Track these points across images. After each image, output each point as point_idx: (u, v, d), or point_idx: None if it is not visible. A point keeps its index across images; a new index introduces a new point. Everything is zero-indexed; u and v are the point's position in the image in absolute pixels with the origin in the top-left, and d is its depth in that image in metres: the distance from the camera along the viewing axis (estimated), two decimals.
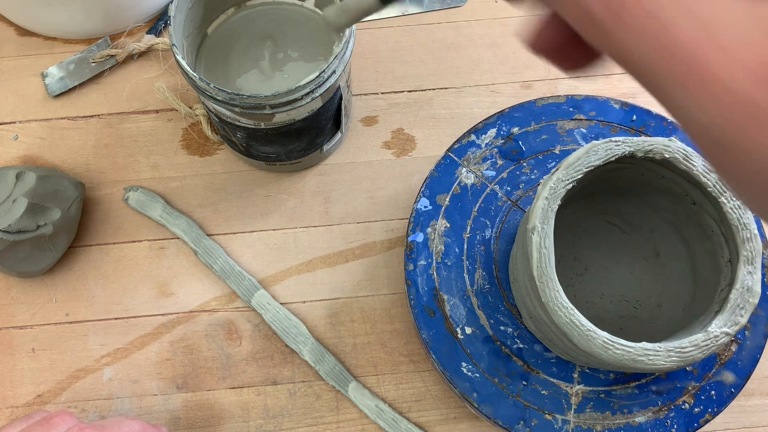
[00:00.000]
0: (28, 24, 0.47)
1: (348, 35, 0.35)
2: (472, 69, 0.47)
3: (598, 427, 0.36)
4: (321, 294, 0.43)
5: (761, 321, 0.38)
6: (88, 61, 0.47)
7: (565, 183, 0.32)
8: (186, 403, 0.41)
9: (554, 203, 0.32)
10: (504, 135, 0.41)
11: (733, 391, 0.37)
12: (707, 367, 0.37)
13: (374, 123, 0.46)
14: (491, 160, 0.40)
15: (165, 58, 0.47)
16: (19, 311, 0.43)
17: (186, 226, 0.43)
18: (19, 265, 0.40)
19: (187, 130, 0.46)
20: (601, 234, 0.40)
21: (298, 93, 0.34)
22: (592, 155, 0.33)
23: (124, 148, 0.46)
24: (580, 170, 0.33)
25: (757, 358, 0.37)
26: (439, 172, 0.40)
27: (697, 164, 0.33)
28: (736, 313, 0.31)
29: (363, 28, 0.48)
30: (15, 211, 0.39)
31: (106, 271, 0.43)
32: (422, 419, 0.41)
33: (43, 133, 0.46)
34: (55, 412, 0.33)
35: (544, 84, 0.47)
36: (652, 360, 0.30)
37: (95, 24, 0.47)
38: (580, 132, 0.42)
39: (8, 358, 0.42)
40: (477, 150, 0.41)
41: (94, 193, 0.45)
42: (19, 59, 0.48)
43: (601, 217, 0.40)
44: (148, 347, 0.42)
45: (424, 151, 0.46)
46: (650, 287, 0.39)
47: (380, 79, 0.47)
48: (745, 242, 0.32)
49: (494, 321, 0.37)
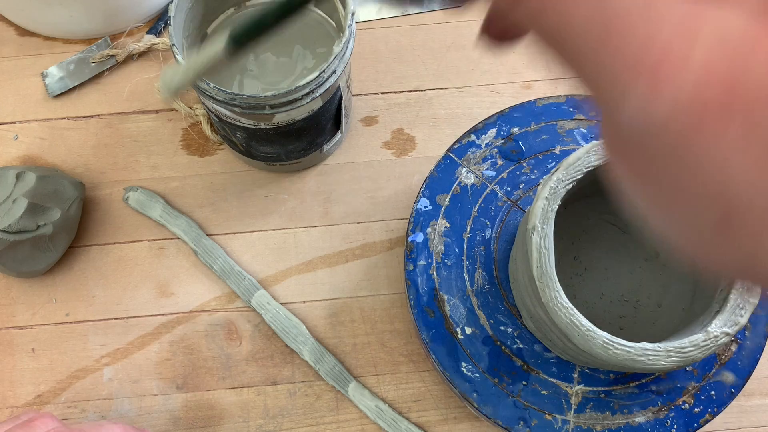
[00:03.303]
0: (28, 24, 0.47)
1: (348, 35, 0.35)
2: (472, 69, 0.47)
3: (598, 427, 0.36)
4: (321, 294, 0.43)
5: (761, 321, 0.38)
6: (88, 61, 0.47)
7: (565, 183, 0.32)
8: (186, 404, 0.41)
9: (554, 203, 0.32)
10: (504, 135, 0.41)
11: (733, 391, 0.37)
12: (707, 367, 0.37)
13: (374, 123, 0.46)
14: (491, 160, 0.40)
15: (165, 58, 0.47)
16: (19, 311, 0.43)
17: (186, 226, 0.43)
18: (19, 265, 0.40)
19: (187, 130, 0.46)
20: (601, 234, 0.40)
21: (298, 93, 0.34)
22: (593, 155, 0.33)
23: (124, 148, 0.46)
24: (581, 170, 0.33)
25: (757, 358, 0.37)
26: (439, 172, 0.40)
27: None
28: (736, 313, 0.31)
29: (363, 28, 0.48)
30: (15, 211, 0.39)
31: (106, 271, 0.43)
32: (422, 419, 0.41)
33: (43, 133, 0.46)
34: (37, 414, 0.33)
35: (544, 84, 0.47)
36: (652, 360, 0.30)
37: (95, 24, 0.47)
38: (580, 132, 0.42)
39: (8, 358, 0.42)
40: (477, 150, 0.41)
41: (94, 193, 0.45)
42: (19, 59, 0.48)
43: (601, 217, 0.40)
44: (148, 347, 0.42)
45: (424, 151, 0.46)
46: (650, 287, 0.39)
47: (380, 79, 0.47)
48: None
49: (494, 321, 0.37)
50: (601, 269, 0.40)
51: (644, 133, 0.14)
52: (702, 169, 0.13)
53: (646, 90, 0.13)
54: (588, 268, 0.40)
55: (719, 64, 0.13)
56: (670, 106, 0.13)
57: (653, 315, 0.38)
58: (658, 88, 0.13)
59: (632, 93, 0.14)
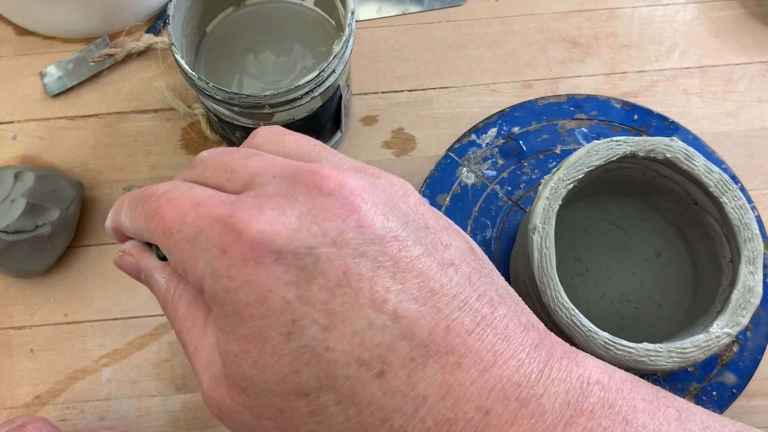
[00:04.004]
0: (27, 23, 0.47)
1: (348, 34, 0.35)
2: (473, 68, 0.47)
3: None
4: None
5: (763, 321, 0.38)
6: (86, 61, 0.46)
7: (566, 183, 0.32)
8: (185, 404, 0.41)
9: (555, 203, 0.32)
10: (505, 134, 0.41)
11: (734, 392, 0.37)
12: (708, 367, 0.37)
13: (374, 122, 0.46)
14: (492, 159, 0.40)
15: (164, 58, 0.47)
16: (17, 312, 0.42)
17: None
18: (17, 266, 0.40)
19: (186, 130, 0.46)
20: (602, 234, 0.40)
21: (297, 92, 0.34)
22: (594, 155, 0.33)
23: (123, 148, 0.46)
24: (581, 170, 0.33)
25: (758, 359, 0.37)
26: (439, 172, 0.40)
27: (698, 164, 0.33)
28: (737, 313, 0.31)
29: (363, 27, 0.48)
30: (13, 211, 0.39)
31: (104, 271, 0.43)
32: None
33: (42, 132, 0.46)
34: (30, 418, 0.33)
35: (544, 83, 0.46)
36: (654, 361, 0.30)
37: (94, 23, 0.46)
38: (581, 131, 0.41)
39: (6, 359, 0.42)
40: (477, 149, 0.40)
41: (92, 193, 0.45)
42: (17, 58, 0.47)
43: (602, 217, 0.40)
44: (147, 348, 0.42)
45: (424, 150, 0.46)
46: (651, 287, 0.39)
47: (380, 78, 0.47)
48: (747, 242, 0.32)
49: None
50: (602, 269, 0.40)
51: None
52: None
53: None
54: (589, 268, 0.40)
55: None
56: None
57: (655, 315, 0.38)
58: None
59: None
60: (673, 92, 0.46)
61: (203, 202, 0.20)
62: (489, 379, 0.17)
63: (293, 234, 0.18)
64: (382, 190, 0.20)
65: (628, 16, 0.48)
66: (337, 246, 0.18)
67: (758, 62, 0.47)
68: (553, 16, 0.48)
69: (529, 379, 0.18)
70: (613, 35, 0.48)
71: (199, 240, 0.19)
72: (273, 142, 0.23)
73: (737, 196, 0.32)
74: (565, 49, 0.47)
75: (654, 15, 0.48)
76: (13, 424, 0.32)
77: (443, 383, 0.17)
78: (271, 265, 0.18)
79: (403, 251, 0.18)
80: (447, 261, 0.19)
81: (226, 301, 0.18)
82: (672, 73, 0.47)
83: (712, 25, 0.48)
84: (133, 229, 0.23)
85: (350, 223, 0.18)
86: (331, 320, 0.18)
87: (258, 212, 0.18)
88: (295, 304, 0.18)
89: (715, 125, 0.45)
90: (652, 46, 0.47)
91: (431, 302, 0.18)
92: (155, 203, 0.21)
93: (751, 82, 0.46)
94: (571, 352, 0.20)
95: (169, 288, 0.22)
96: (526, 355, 0.18)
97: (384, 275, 0.18)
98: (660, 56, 0.47)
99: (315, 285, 0.18)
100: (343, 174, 0.19)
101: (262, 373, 0.18)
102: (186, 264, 0.20)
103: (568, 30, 0.48)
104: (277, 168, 0.20)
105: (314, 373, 0.18)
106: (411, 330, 0.18)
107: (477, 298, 0.19)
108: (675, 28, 0.48)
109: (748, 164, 0.44)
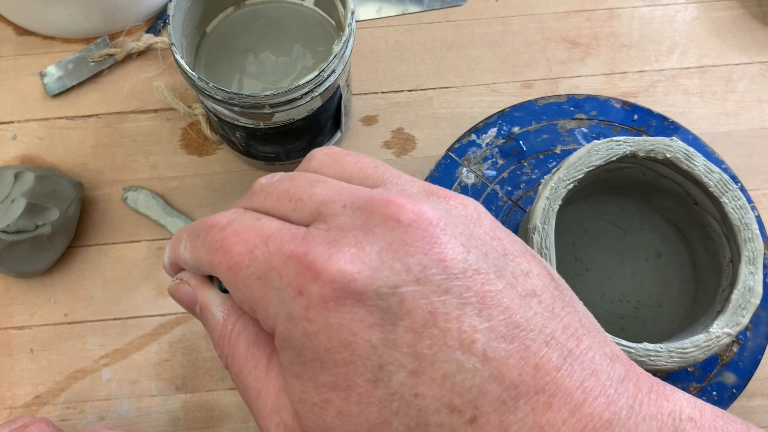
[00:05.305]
0: (27, 23, 0.47)
1: (348, 34, 0.35)
2: (473, 68, 0.47)
3: None
4: None
5: (763, 321, 0.38)
6: (86, 61, 0.46)
7: (566, 183, 0.32)
8: (185, 404, 0.41)
9: (555, 203, 0.32)
10: (504, 134, 0.41)
11: (734, 392, 0.37)
12: (708, 367, 0.37)
13: (374, 122, 0.46)
14: (492, 159, 0.40)
15: (164, 58, 0.47)
16: (17, 312, 0.42)
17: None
18: (17, 266, 0.40)
19: (186, 130, 0.46)
20: (602, 234, 0.40)
21: (297, 92, 0.34)
22: (594, 155, 0.33)
23: (123, 148, 0.46)
24: (582, 170, 0.33)
25: (758, 359, 0.37)
26: (439, 172, 0.40)
27: (698, 164, 0.33)
28: (737, 313, 0.31)
29: (363, 27, 0.48)
30: (13, 211, 0.39)
31: (104, 271, 0.43)
32: None
33: (42, 132, 0.46)
34: (33, 419, 0.33)
35: (544, 83, 0.46)
36: (654, 360, 0.30)
37: (94, 23, 0.46)
38: (581, 131, 0.42)
39: (7, 359, 0.42)
40: (477, 149, 0.40)
41: (92, 193, 0.45)
42: (17, 58, 0.47)
43: (602, 217, 0.40)
44: (147, 348, 0.42)
45: (424, 150, 0.46)
46: (651, 287, 0.39)
47: (380, 78, 0.47)
48: (747, 242, 0.32)
49: None
50: (602, 269, 0.40)
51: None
52: None
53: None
54: (589, 268, 0.40)
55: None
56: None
57: (654, 315, 0.38)
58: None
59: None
60: (673, 92, 0.46)
61: (273, 236, 0.18)
62: (580, 418, 0.17)
63: (375, 272, 0.17)
64: (457, 218, 0.18)
65: (628, 16, 0.48)
66: (421, 283, 0.17)
67: (758, 62, 0.47)
68: (553, 16, 0.48)
69: (620, 416, 0.17)
70: (613, 35, 0.48)
71: (272, 278, 0.18)
72: (331, 165, 0.21)
73: (737, 196, 0.32)
74: (565, 49, 0.47)
75: (654, 15, 0.48)
76: (15, 424, 0.32)
77: (534, 425, 0.16)
78: (354, 306, 0.17)
79: (487, 285, 0.17)
80: (529, 291, 0.18)
81: (304, 345, 0.17)
82: (672, 73, 0.47)
83: (712, 25, 0.48)
84: (193, 261, 0.21)
85: (432, 258, 0.17)
86: (419, 364, 0.16)
87: (336, 249, 0.17)
88: (381, 349, 0.17)
89: (715, 125, 0.45)
90: (652, 46, 0.47)
91: (519, 339, 0.17)
92: (219, 235, 0.20)
93: (751, 82, 0.46)
94: (657, 384, 0.19)
95: (227, 324, 0.21)
96: (614, 390, 0.17)
97: (470, 313, 0.17)
98: (660, 56, 0.47)
99: (401, 327, 0.17)
100: (419, 203, 0.18)
101: (346, 424, 0.17)
102: (255, 303, 0.18)
103: (568, 30, 0.48)
104: (346, 196, 0.18)
105: (404, 422, 0.17)
106: (501, 371, 0.16)
107: (562, 330, 0.18)
108: (675, 28, 0.48)
109: (748, 164, 0.44)
